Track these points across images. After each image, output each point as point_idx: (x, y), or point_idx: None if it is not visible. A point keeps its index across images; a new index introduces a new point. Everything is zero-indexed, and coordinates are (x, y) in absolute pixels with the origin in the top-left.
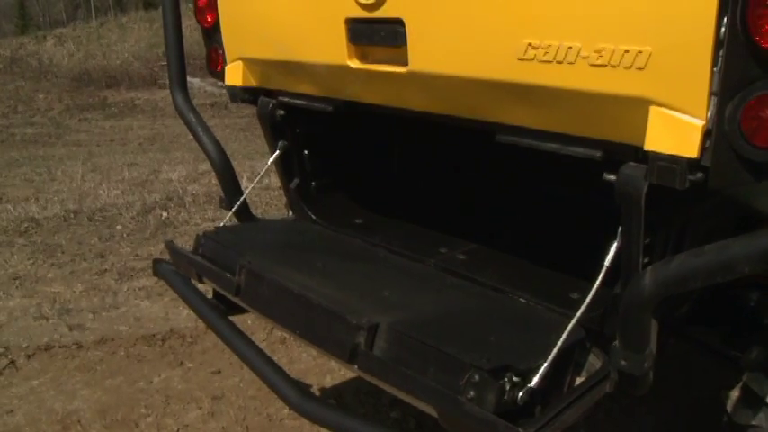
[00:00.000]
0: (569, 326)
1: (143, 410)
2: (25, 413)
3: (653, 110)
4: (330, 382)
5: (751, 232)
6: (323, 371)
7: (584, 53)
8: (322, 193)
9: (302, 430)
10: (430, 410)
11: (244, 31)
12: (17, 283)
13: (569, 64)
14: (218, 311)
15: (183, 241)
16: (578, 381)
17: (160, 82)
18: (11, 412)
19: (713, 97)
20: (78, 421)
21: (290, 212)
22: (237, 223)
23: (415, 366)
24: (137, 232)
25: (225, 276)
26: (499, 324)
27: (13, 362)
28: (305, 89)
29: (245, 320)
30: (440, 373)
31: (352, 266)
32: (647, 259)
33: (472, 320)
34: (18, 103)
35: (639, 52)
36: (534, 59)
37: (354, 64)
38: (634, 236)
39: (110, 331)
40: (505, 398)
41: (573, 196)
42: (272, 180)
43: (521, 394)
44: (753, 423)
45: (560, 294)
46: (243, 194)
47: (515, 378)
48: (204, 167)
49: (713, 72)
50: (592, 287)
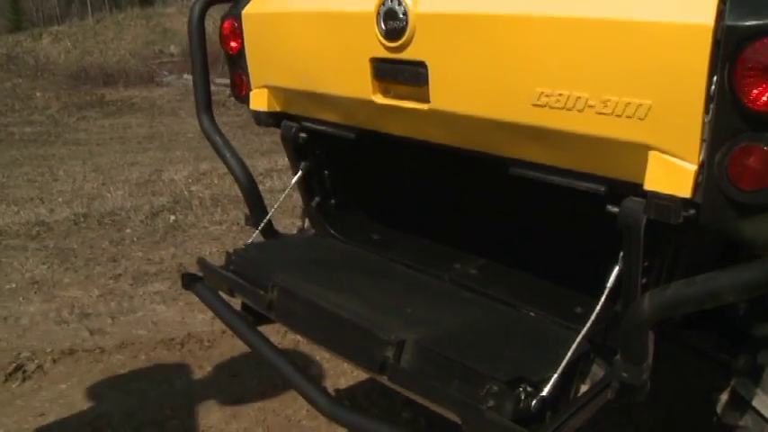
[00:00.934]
0: (576, 340)
1: (168, 412)
2: (56, 416)
3: (652, 154)
4: (344, 383)
5: (736, 265)
6: (336, 373)
7: (591, 102)
8: (341, 210)
9: (319, 431)
10: (454, 417)
11: (270, 60)
12: (35, 287)
13: (578, 111)
14: (247, 323)
15: (194, 245)
16: (583, 388)
17: (157, 79)
18: (43, 415)
19: (704, 145)
20: (108, 424)
21: (304, 224)
22: (264, 240)
23: (440, 378)
24: (147, 236)
25: (257, 292)
26: (513, 338)
27: (40, 366)
28: (328, 117)
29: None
30: (462, 385)
31: (375, 282)
32: (645, 280)
33: (488, 334)
34: (15, 102)
35: (641, 104)
36: (546, 106)
37: (378, 99)
38: (633, 260)
39: (129, 335)
40: (521, 406)
41: (579, 219)
42: (275, 183)
43: (534, 403)
44: (740, 424)
45: (566, 309)
46: (268, 213)
47: (529, 388)
48: (205, 167)
49: (705, 123)
50: (596, 304)
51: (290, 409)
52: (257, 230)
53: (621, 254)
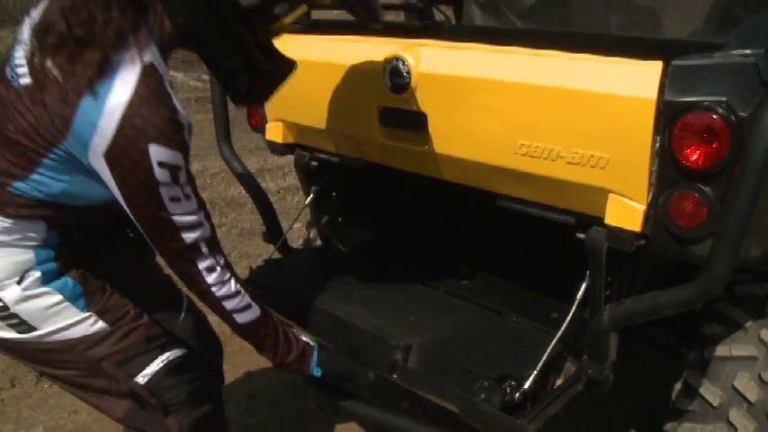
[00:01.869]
0: (552, 343)
1: None
2: (89, 412)
3: (611, 196)
4: None
5: (675, 287)
6: None
7: (562, 153)
8: (347, 228)
9: (330, 422)
10: (452, 408)
11: (286, 99)
12: None
13: (552, 160)
14: None
15: None
16: (558, 382)
17: None
18: (76, 412)
19: (651, 190)
20: None
21: (309, 234)
22: (281, 257)
23: (440, 377)
24: None
25: (278, 304)
26: (499, 341)
27: None
28: (337, 150)
29: None
30: (459, 381)
31: (381, 294)
32: (608, 293)
33: (478, 338)
34: None
35: (601, 157)
36: (526, 154)
37: (383, 139)
38: (598, 277)
39: None
40: (507, 398)
41: (554, 242)
42: (269, 184)
43: (517, 395)
44: (689, 409)
45: (544, 315)
46: (283, 233)
47: (513, 383)
48: (196, 167)
49: (651, 173)
50: (568, 312)
51: (300, 402)
52: (275, 247)
53: (588, 272)
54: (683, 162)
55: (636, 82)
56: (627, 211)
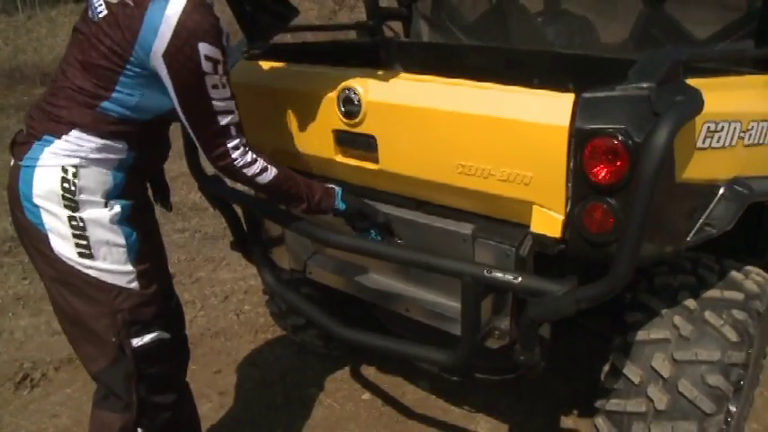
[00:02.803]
0: None
1: None
2: (69, 416)
3: (535, 208)
4: (311, 374)
5: (587, 285)
6: (303, 365)
7: (493, 172)
8: None
9: (296, 415)
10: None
11: (248, 119)
12: (21, 303)
13: (485, 178)
14: None
15: None
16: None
17: None
18: (56, 416)
19: (568, 202)
20: None
21: None
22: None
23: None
24: None
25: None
26: None
27: (44, 374)
28: (298, 166)
29: (255, 319)
30: None
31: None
32: None
33: None
34: None
35: (525, 175)
36: (464, 173)
37: (339, 158)
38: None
39: None
40: None
41: None
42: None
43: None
44: (615, 387)
45: None
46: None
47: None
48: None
49: (567, 188)
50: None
51: (269, 397)
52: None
53: None
54: (592, 179)
55: (552, 112)
56: (549, 221)
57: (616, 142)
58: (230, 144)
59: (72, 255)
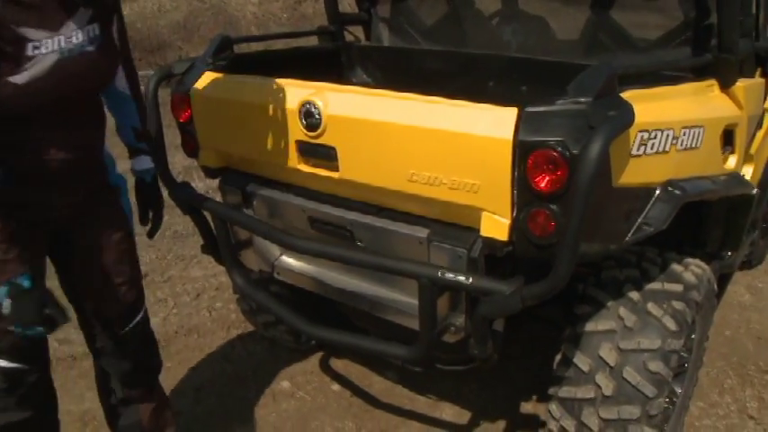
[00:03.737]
0: None
1: None
2: None
3: (484, 213)
4: (282, 367)
5: (531, 284)
6: (275, 359)
7: (444, 181)
8: None
9: (268, 407)
10: None
11: (215, 130)
12: None
13: (436, 186)
14: None
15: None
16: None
17: None
18: None
19: (514, 208)
20: (94, 418)
21: None
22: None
23: None
24: None
25: None
26: None
27: None
28: (265, 173)
29: (227, 315)
30: None
31: None
32: None
33: None
34: None
35: (473, 183)
36: (416, 181)
37: (302, 167)
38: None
39: None
40: None
41: None
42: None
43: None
44: (566, 375)
45: None
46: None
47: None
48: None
49: (513, 195)
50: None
51: (242, 391)
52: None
53: None
54: (535, 187)
55: (497, 125)
56: (496, 225)
57: (555, 154)
58: None
59: None
